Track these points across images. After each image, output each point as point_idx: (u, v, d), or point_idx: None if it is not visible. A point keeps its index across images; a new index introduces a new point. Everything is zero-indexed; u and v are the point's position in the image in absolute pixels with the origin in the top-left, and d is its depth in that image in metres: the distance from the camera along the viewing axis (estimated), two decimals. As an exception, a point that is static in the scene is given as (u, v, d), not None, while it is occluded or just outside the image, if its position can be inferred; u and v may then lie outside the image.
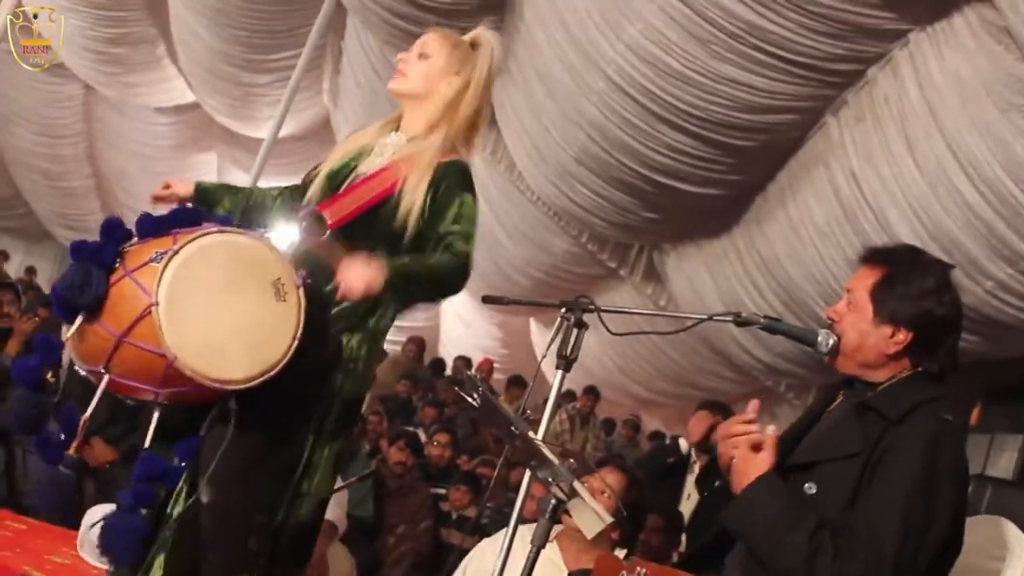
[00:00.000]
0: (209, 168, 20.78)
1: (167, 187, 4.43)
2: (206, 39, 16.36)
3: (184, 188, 4.41)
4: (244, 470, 4.01)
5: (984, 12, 8.73)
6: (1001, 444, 11.94)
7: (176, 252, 3.82)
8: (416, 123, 4.32)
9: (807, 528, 3.17)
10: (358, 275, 3.83)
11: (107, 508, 4.14)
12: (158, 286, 3.75)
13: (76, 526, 5.73)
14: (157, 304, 3.74)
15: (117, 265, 3.88)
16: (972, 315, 9.88)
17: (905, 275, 3.44)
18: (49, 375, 4.00)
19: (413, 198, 4.12)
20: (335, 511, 6.58)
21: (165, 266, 3.79)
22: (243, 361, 3.85)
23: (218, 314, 3.85)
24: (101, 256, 3.89)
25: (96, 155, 21.68)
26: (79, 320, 3.85)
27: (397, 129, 4.38)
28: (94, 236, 3.99)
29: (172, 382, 3.82)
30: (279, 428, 4.08)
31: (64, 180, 22.11)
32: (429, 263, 4.01)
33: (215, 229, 3.97)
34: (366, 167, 4.28)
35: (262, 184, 7.16)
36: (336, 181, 4.29)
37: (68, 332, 3.88)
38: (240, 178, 17.68)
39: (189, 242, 3.86)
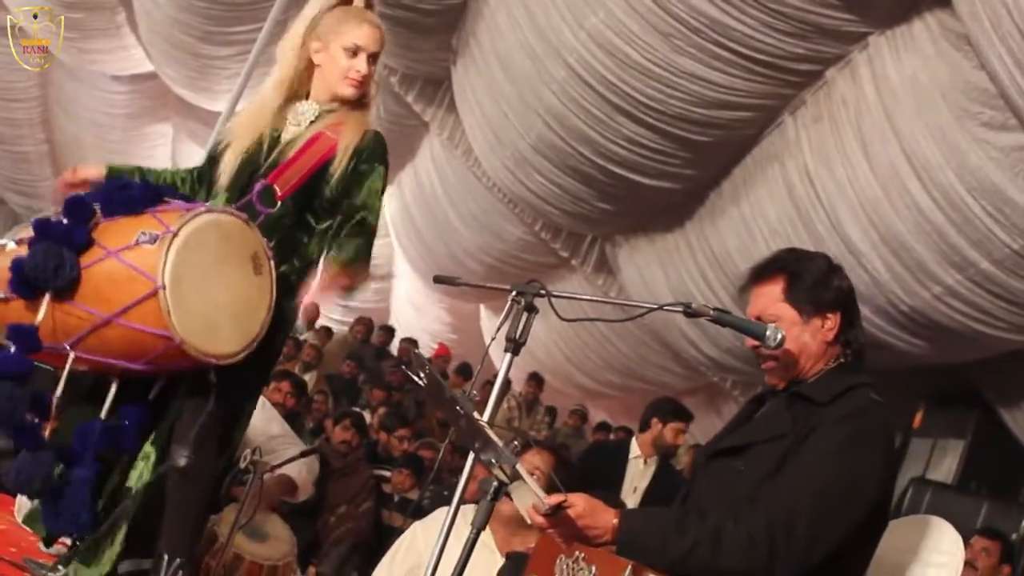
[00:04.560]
0: (164, 139, 20.64)
1: (77, 172, 4.42)
2: (166, 8, 16.17)
3: (96, 171, 4.40)
4: (216, 435, 4.08)
5: (944, 19, 8.77)
6: (943, 448, 12.03)
7: (175, 234, 3.85)
8: (322, 92, 4.42)
9: (693, 523, 3.23)
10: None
11: None
12: (164, 269, 3.79)
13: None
14: (164, 288, 3.78)
15: (92, 245, 3.88)
16: (919, 319, 9.96)
17: (805, 269, 3.59)
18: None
19: (340, 162, 4.24)
20: (300, 472, 6.54)
21: (168, 249, 3.81)
22: (233, 335, 3.96)
23: (210, 292, 3.92)
24: (72, 238, 3.88)
25: (50, 121, 21.43)
26: (47, 300, 3.84)
27: (306, 98, 4.45)
28: (45, 202, 3.98)
29: (162, 360, 3.87)
30: (247, 393, 4.21)
31: (17, 144, 21.84)
32: (356, 246, 4.18)
33: (203, 208, 4.03)
34: (290, 135, 4.34)
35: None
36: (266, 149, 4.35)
37: (39, 314, 3.85)
38: (195, 151, 17.58)
39: (185, 224, 3.88)
